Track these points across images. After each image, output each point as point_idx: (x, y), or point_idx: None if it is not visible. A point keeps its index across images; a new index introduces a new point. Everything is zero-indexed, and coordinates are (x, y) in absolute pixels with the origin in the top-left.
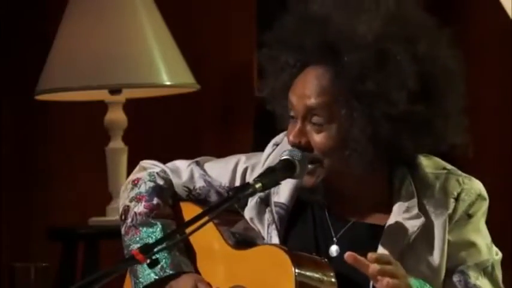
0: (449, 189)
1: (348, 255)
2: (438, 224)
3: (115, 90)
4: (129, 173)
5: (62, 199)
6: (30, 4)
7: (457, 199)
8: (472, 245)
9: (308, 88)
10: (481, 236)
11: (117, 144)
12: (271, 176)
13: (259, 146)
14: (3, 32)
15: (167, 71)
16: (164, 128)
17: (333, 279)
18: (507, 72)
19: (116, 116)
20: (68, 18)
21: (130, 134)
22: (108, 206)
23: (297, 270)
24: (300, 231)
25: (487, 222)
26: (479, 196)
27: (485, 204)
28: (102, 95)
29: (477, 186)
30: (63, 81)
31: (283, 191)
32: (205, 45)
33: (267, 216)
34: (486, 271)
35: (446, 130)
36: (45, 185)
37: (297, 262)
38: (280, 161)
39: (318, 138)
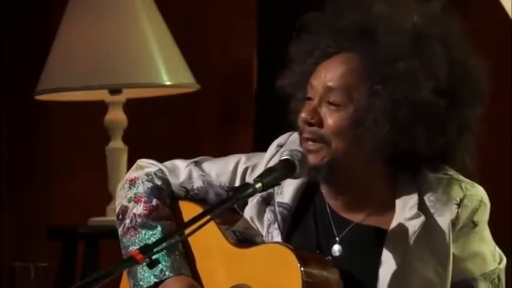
0: (451, 195)
1: None
2: (440, 226)
3: (115, 90)
4: None
5: (62, 199)
6: (30, 4)
7: (459, 205)
8: (478, 255)
9: (332, 70)
10: (485, 244)
11: (117, 144)
12: (271, 176)
13: (259, 146)
14: (3, 32)
15: (167, 71)
16: (164, 128)
17: (337, 277)
18: (507, 72)
19: (116, 116)
20: (68, 18)
21: (131, 134)
22: (108, 206)
23: (303, 269)
24: (302, 230)
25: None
26: (482, 202)
27: (487, 210)
28: (102, 95)
29: (479, 192)
30: (63, 81)
31: (286, 192)
32: (205, 45)
33: (268, 216)
34: (494, 283)
35: (458, 139)
36: (45, 185)
37: (303, 260)
38: (280, 161)
39: (332, 118)
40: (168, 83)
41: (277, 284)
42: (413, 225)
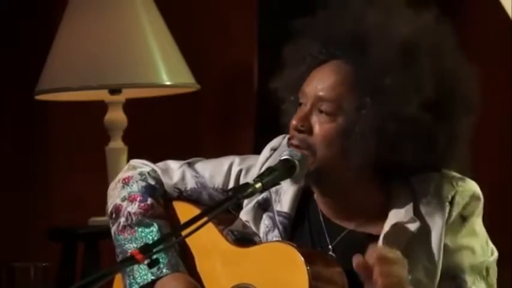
0: (443, 194)
1: (355, 262)
2: (435, 229)
3: (115, 90)
4: None
5: (62, 199)
6: (30, 4)
7: (451, 203)
8: (466, 248)
9: (324, 79)
10: (476, 238)
11: (117, 144)
12: (271, 176)
13: (259, 146)
14: (3, 31)
15: (167, 71)
16: (164, 128)
17: (341, 271)
18: (507, 72)
19: (116, 116)
20: (68, 18)
21: (131, 134)
22: None
23: (309, 267)
24: (299, 238)
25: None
26: (473, 197)
27: (479, 204)
28: (102, 95)
29: (471, 187)
30: (63, 81)
31: (285, 200)
32: (205, 45)
33: (266, 222)
34: (481, 275)
35: (449, 153)
36: (45, 185)
37: (308, 258)
38: (280, 161)
39: (321, 127)
40: (168, 83)
41: (282, 282)
42: (408, 229)
